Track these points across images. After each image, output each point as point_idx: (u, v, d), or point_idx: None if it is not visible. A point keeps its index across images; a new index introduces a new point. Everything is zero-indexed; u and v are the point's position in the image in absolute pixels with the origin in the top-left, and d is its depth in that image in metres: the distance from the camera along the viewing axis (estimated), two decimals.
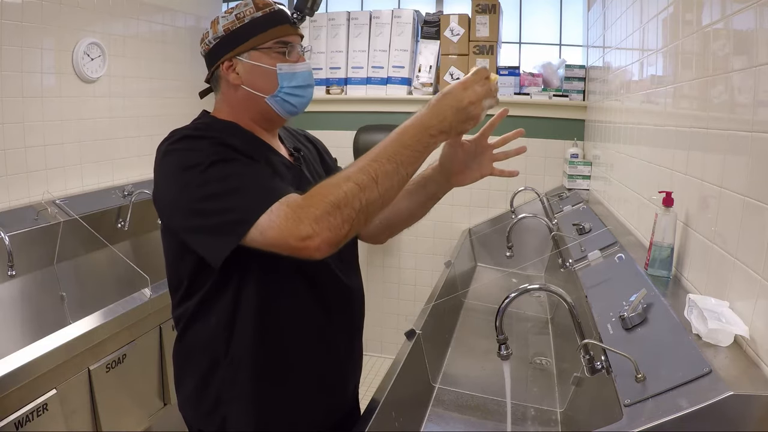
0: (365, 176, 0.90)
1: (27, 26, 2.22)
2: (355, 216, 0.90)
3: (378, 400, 1.30)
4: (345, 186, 0.90)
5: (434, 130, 0.94)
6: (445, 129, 0.94)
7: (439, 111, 0.94)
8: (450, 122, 0.94)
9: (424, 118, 0.94)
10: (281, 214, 0.90)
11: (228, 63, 1.10)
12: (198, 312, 1.08)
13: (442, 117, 0.94)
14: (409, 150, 0.93)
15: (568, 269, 1.87)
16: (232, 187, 0.94)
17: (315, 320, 1.13)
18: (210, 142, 0.99)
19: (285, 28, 1.11)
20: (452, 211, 3.19)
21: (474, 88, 0.95)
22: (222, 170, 0.95)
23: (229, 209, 0.93)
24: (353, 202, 0.89)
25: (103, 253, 2.40)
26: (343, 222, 0.89)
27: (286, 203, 0.91)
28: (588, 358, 1.16)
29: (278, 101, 1.11)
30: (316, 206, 0.89)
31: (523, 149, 1.16)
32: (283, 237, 0.89)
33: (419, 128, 0.94)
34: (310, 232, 0.88)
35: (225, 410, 1.09)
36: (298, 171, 1.16)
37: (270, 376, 1.09)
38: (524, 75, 3.13)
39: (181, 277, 1.08)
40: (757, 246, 0.92)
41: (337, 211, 0.88)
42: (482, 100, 0.95)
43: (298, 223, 0.88)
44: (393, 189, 0.93)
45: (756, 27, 0.96)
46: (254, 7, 1.09)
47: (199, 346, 1.10)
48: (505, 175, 1.16)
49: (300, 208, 0.90)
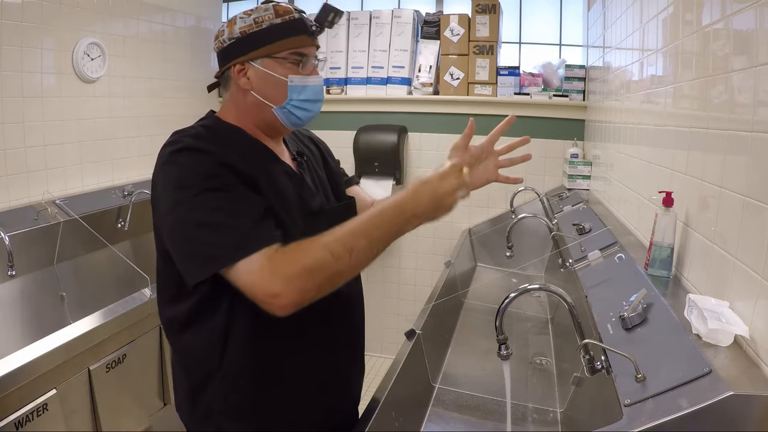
0: (341, 248, 0.93)
1: (27, 26, 2.22)
2: (324, 282, 0.93)
3: (378, 400, 1.30)
4: (321, 253, 0.92)
5: (408, 213, 0.98)
6: (419, 214, 0.98)
7: (417, 196, 0.98)
8: (424, 208, 0.98)
9: (401, 200, 0.98)
10: (258, 264, 0.92)
11: (240, 66, 1.08)
12: (190, 319, 1.07)
13: (418, 203, 0.98)
14: (383, 230, 0.97)
15: (568, 269, 1.87)
16: (219, 222, 0.94)
17: (314, 331, 1.12)
18: (210, 160, 0.98)
19: (302, 39, 1.09)
20: (452, 210, 3.18)
21: (449, 180, 0.99)
22: (214, 200, 0.96)
23: (210, 243, 0.94)
24: (325, 270, 0.92)
25: (103, 253, 2.40)
26: (312, 286, 0.92)
27: (266, 255, 0.93)
28: (588, 358, 1.16)
29: (285, 113, 1.11)
30: (292, 266, 0.92)
31: (528, 156, 1.18)
32: (253, 287, 0.92)
33: (396, 210, 0.98)
34: (280, 290, 0.91)
35: (218, 421, 1.08)
36: (300, 179, 1.15)
37: (265, 389, 1.08)
38: (524, 75, 3.13)
39: (170, 278, 1.07)
40: (757, 246, 0.92)
41: (309, 276, 0.91)
42: (455, 191, 1.00)
43: (270, 278, 0.91)
44: (361, 264, 0.97)
45: (756, 27, 0.95)
46: (274, 14, 1.07)
47: (191, 356, 1.09)
48: (509, 182, 1.19)
49: (277, 264, 0.92)
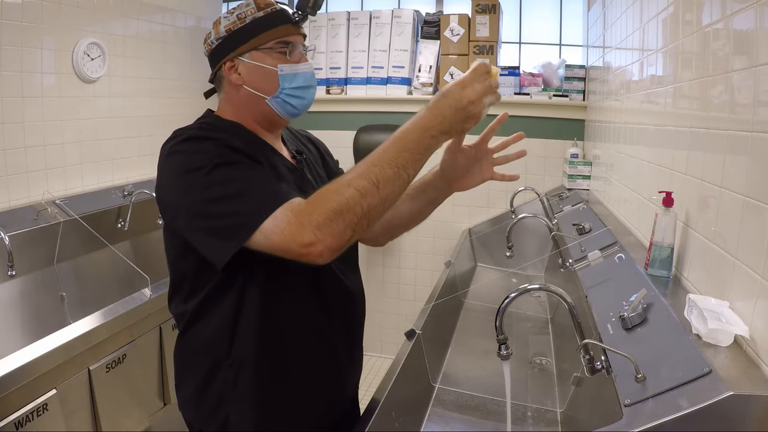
0: (366, 181, 0.90)
1: (27, 26, 2.22)
2: (357, 222, 0.90)
3: (378, 400, 1.30)
4: (347, 192, 0.89)
5: (434, 131, 0.93)
6: (446, 129, 0.93)
7: (438, 112, 0.93)
8: (450, 122, 0.93)
9: (423, 119, 0.93)
10: (285, 219, 0.90)
11: (230, 63, 1.10)
12: (200, 312, 1.08)
13: (442, 118, 0.93)
14: (409, 153, 0.92)
15: (568, 269, 1.87)
16: (236, 191, 0.94)
17: (316, 322, 1.13)
18: (214, 143, 0.99)
19: (286, 28, 1.10)
20: (452, 211, 3.19)
21: (473, 86, 0.93)
22: (226, 173, 0.95)
23: (233, 213, 0.93)
24: (355, 208, 0.89)
25: (103, 253, 2.40)
26: (345, 228, 0.89)
27: (290, 209, 0.91)
28: (588, 358, 1.16)
29: (279, 102, 1.11)
30: (319, 212, 0.89)
31: (523, 153, 1.14)
32: (286, 242, 0.90)
33: (419, 130, 0.93)
34: (313, 238, 0.88)
35: (226, 410, 1.09)
36: (300, 174, 1.16)
37: (272, 377, 1.09)
38: (524, 75, 3.13)
39: (183, 275, 1.08)
40: (757, 246, 0.92)
41: (339, 217, 0.88)
42: (482, 97, 0.93)
43: (301, 229, 0.88)
44: (394, 193, 0.93)
45: (756, 27, 0.95)
46: (255, 8, 1.09)
47: (200, 346, 1.10)
48: (506, 180, 1.17)
49: (303, 214, 0.90)
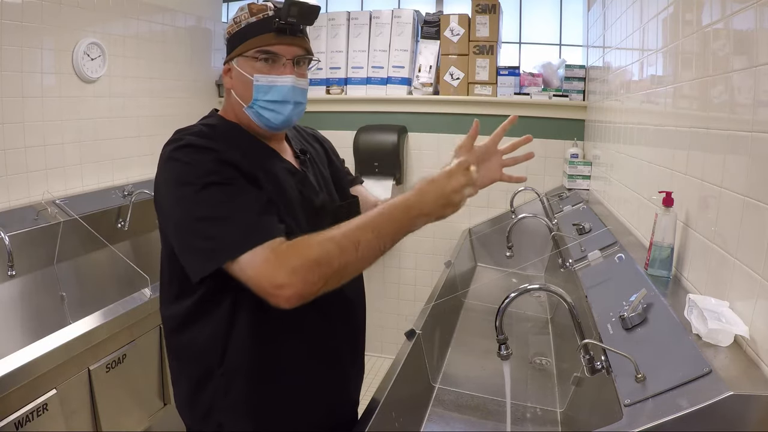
0: (348, 241, 0.93)
1: (27, 26, 2.22)
2: (330, 275, 0.92)
3: (378, 400, 1.30)
4: (327, 245, 0.92)
5: (416, 211, 0.98)
6: (426, 212, 0.98)
7: (422, 196, 0.98)
8: (431, 207, 0.98)
9: (409, 200, 0.98)
10: (263, 256, 0.91)
11: (226, 66, 1.12)
12: (192, 317, 1.07)
13: (425, 202, 0.98)
14: (391, 226, 0.97)
15: (568, 269, 1.87)
16: (222, 215, 0.95)
17: (316, 331, 1.12)
18: (212, 158, 0.98)
19: (267, 37, 1.06)
20: (460, 209, 3.17)
21: (457, 177, 0.99)
22: (216, 194, 0.96)
23: (214, 237, 0.94)
24: (332, 262, 0.92)
25: (103, 253, 2.40)
26: (318, 278, 0.91)
27: (270, 247, 0.92)
28: (588, 358, 1.16)
29: (253, 113, 1.10)
30: (297, 258, 0.91)
31: (531, 155, 1.18)
32: (258, 279, 0.91)
33: (403, 209, 0.97)
34: (286, 281, 0.90)
35: (219, 417, 1.08)
36: (303, 177, 1.15)
37: (265, 386, 1.09)
38: (524, 75, 3.13)
39: (173, 276, 1.08)
40: (757, 246, 0.92)
41: (316, 267, 0.91)
42: (463, 188, 0.99)
43: (276, 269, 0.90)
44: (370, 257, 0.97)
45: (756, 27, 0.95)
46: (249, 12, 1.08)
47: (192, 353, 1.09)
48: (513, 181, 1.19)
49: (282, 256, 0.91)
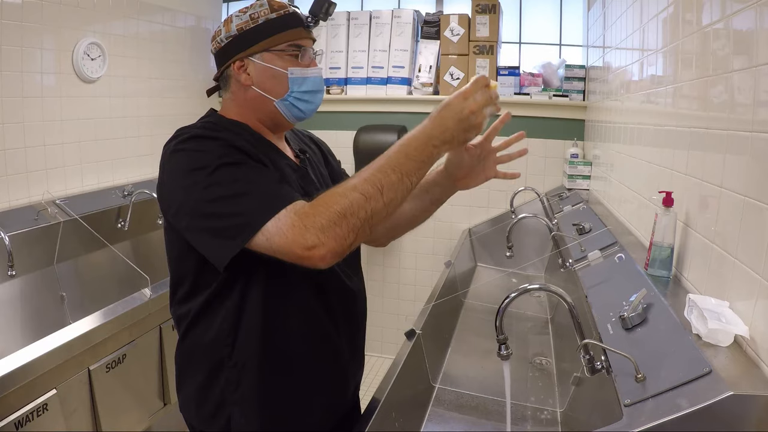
0: (371, 186, 0.91)
1: (27, 26, 2.22)
2: (360, 226, 0.90)
3: (378, 400, 1.30)
4: (351, 196, 0.90)
5: (437, 140, 0.94)
6: (448, 139, 0.95)
7: (441, 122, 0.95)
8: (452, 132, 0.95)
9: (426, 129, 0.95)
10: (288, 221, 0.90)
11: (240, 63, 1.09)
12: (202, 313, 1.08)
13: (444, 128, 0.94)
14: (413, 161, 0.93)
15: (568, 269, 1.87)
16: (239, 191, 0.93)
17: (320, 323, 1.13)
18: (219, 143, 0.98)
19: (299, 32, 1.10)
20: (452, 211, 3.19)
21: (474, 97, 0.95)
22: (230, 173, 0.95)
23: (235, 213, 0.93)
24: (359, 212, 0.89)
25: (103, 253, 2.40)
26: (348, 232, 0.89)
27: (293, 210, 0.91)
28: (588, 358, 1.16)
29: (287, 105, 1.11)
30: (323, 215, 0.89)
31: (524, 151, 1.18)
32: (288, 245, 0.89)
33: (422, 139, 0.94)
34: (316, 241, 0.88)
35: (228, 411, 1.08)
36: (304, 173, 1.16)
37: (274, 378, 1.09)
38: (524, 75, 3.13)
39: (183, 275, 1.08)
40: (757, 246, 0.92)
41: (343, 220, 0.89)
42: (483, 108, 0.96)
43: (304, 231, 0.88)
44: (397, 199, 0.93)
45: (756, 27, 0.95)
46: (269, 9, 1.09)
47: (202, 347, 1.09)
48: (508, 178, 1.19)
49: (307, 217, 0.89)
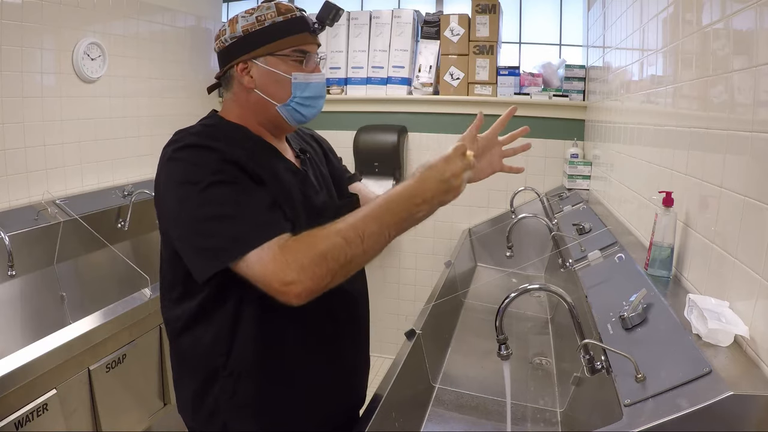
0: (353, 233, 0.93)
1: (27, 26, 2.22)
2: (338, 269, 0.92)
3: (378, 400, 1.30)
4: (334, 239, 0.92)
5: (418, 199, 0.97)
6: (427, 199, 0.97)
7: (423, 182, 0.97)
8: (432, 193, 0.97)
9: (409, 187, 0.97)
10: (270, 253, 0.91)
11: (243, 65, 1.09)
12: (195, 318, 1.07)
13: (425, 188, 0.97)
14: (394, 215, 0.96)
15: (568, 269, 1.87)
16: (227, 214, 0.94)
17: (320, 328, 1.12)
18: (215, 157, 0.98)
19: (304, 37, 1.10)
20: (452, 211, 3.17)
21: (455, 161, 0.98)
22: (221, 193, 0.95)
23: (220, 235, 0.94)
24: (339, 256, 0.91)
25: (103, 253, 2.40)
26: (326, 273, 0.91)
27: (277, 244, 0.92)
28: (588, 358, 1.16)
29: (289, 110, 1.12)
30: (305, 254, 0.91)
31: (528, 146, 1.23)
32: (267, 277, 0.91)
33: (405, 196, 0.97)
34: (295, 278, 0.90)
35: (224, 418, 1.08)
36: (304, 176, 1.16)
37: (272, 386, 1.09)
38: (524, 75, 3.13)
39: (175, 278, 1.07)
40: (757, 246, 0.92)
41: (323, 262, 0.91)
42: (462, 172, 0.99)
43: (285, 267, 0.90)
44: (375, 249, 0.96)
45: (756, 27, 0.96)
46: (276, 12, 1.08)
47: (197, 354, 1.09)
48: (513, 171, 1.22)
49: (290, 252, 0.91)
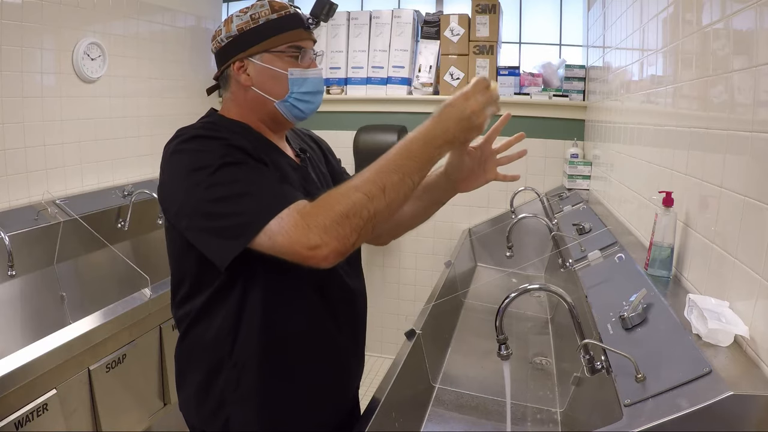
0: (373, 186, 0.90)
1: (27, 26, 2.22)
2: (362, 225, 0.90)
3: (378, 400, 1.30)
4: (354, 196, 0.90)
5: (439, 140, 0.94)
6: (449, 139, 0.95)
7: (442, 122, 0.95)
8: (454, 133, 0.95)
9: (428, 129, 0.95)
10: (291, 221, 0.89)
11: (239, 63, 1.09)
12: (202, 312, 1.08)
13: (446, 128, 0.94)
14: (415, 161, 0.93)
15: (568, 269, 1.87)
16: (241, 191, 0.93)
17: (321, 322, 1.13)
18: (220, 143, 0.98)
19: (299, 33, 1.10)
20: (452, 211, 3.18)
21: (476, 97, 0.96)
22: (231, 173, 0.95)
23: (238, 212, 0.92)
24: (361, 212, 0.89)
25: (103, 253, 2.40)
26: (351, 232, 0.89)
27: (296, 210, 0.91)
28: (588, 358, 1.16)
29: (287, 106, 1.12)
30: (326, 215, 0.89)
31: (524, 152, 1.18)
32: (291, 244, 0.89)
33: (424, 140, 0.94)
34: (319, 241, 0.88)
35: (228, 411, 1.08)
36: (305, 172, 1.16)
37: (275, 377, 1.09)
38: (524, 75, 3.13)
39: (184, 275, 1.08)
40: (757, 246, 0.92)
41: (345, 220, 0.88)
42: (484, 108, 0.96)
43: (307, 231, 0.88)
44: (399, 199, 0.93)
45: (756, 27, 0.96)
46: (270, 9, 1.09)
47: (202, 346, 1.09)
48: (508, 180, 1.19)
49: (310, 216, 0.89)
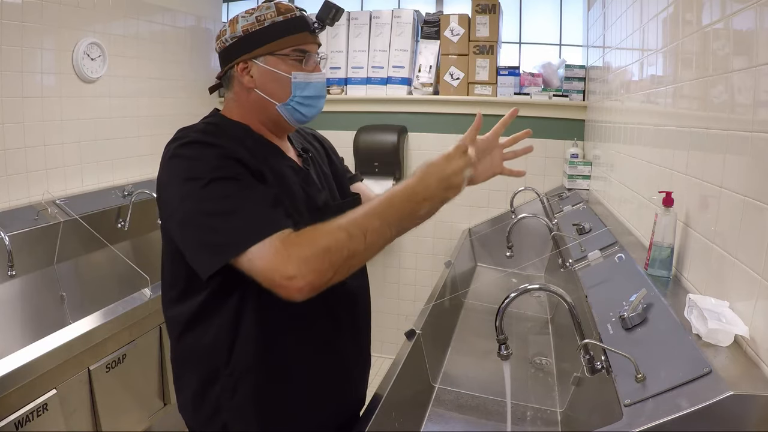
0: (356, 229, 0.93)
1: (27, 26, 2.22)
2: (340, 264, 0.92)
3: (378, 400, 1.30)
4: (336, 234, 0.92)
5: (419, 197, 0.97)
6: (429, 196, 0.98)
7: (424, 180, 0.97)
8: (434, 191, 0.97)
9: (411, 185, 0.98)
10: (272, 247, 0.91)
11: (243, 65, 1.10)
12: (197, 318, 1.07)
13: (427, 185, 0.97)
14: (396, 212, 0.96)
15: (568, 269, 1.87)
16: (230, 208, 0.94)
17: (321, 327, 1.12)
18: (217, 153, 0.99)
19: (304, 36, 1.11)
20: (452, 211, 3.18)
21: (455, 159, 0.99)
22: (223, 188, 0.95)
23: (222, 230, 0.94)
24: (341, 250, 0.91)
25: (103, 253, 2.40)
26: (329, 267, 0.91)
27: (279, 238, 0.92)
28: (588, 358, 1.16)
29: (289, 110, 1.12)
30: (308, 248, 0.91)
31: (530, 149, 1.20)
32: (269, 271, 0.91)
33: (406, 194, 0.97)
34: (297, 272, 0.89)
35: (225, 417, 1.08)
36: (306, 174, 1.16)
37: (272, 386, 1.09)
38: (524, 75, 3.13)
39: (176, 276, 1.08)
40: (757, 246, 0.92)
41: (326, 255, 0.90)
42: (463, 170, 0.99)
43: (286, 261, 0.90)
44: (377, 245, 0.96)
45: (756, 27, 0.96)
46: (276, 12, 1.09)
47: (198, 353, 1.09)
48: (514, 175, 1.20)
49: (292, 246, 0.91)
